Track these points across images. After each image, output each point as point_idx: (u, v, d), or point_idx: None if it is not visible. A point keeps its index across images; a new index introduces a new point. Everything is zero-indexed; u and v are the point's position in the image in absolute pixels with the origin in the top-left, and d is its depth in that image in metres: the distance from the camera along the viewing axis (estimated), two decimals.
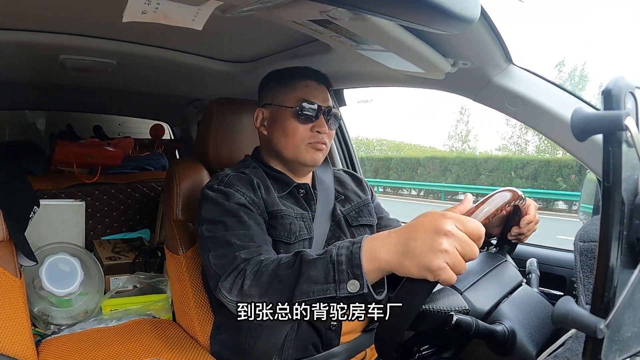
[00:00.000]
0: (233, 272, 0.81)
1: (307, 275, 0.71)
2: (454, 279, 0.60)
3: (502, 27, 0.83)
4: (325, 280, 0.69)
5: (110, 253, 1.53)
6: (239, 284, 0.78)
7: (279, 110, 1.03)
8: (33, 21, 1.00)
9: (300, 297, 0.70)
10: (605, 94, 0.42)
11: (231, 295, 0.80)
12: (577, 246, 0.82)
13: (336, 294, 0.68)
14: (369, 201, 1.18)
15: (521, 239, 0.91)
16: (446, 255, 0.59)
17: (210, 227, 0.92)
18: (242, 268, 0.81)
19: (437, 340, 0.75)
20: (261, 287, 0.76)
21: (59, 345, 1.11)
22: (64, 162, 1.58)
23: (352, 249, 0.69)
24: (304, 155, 1.01)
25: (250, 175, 1.01)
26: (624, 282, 0.43)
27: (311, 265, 0.72)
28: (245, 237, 0.88)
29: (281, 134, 1.02)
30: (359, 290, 0.66)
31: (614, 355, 0.45)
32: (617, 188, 0.42)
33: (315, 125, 1.00)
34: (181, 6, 0.72)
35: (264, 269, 0.78)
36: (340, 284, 0.67)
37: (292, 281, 0.72)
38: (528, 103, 0.95)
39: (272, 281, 0.75)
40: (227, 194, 0.95)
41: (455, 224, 0.60)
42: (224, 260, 0.85)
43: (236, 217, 0.91)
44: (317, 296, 0.69)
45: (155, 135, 2.17)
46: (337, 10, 0.66)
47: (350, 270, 0.67)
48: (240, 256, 0.83)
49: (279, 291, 0.73)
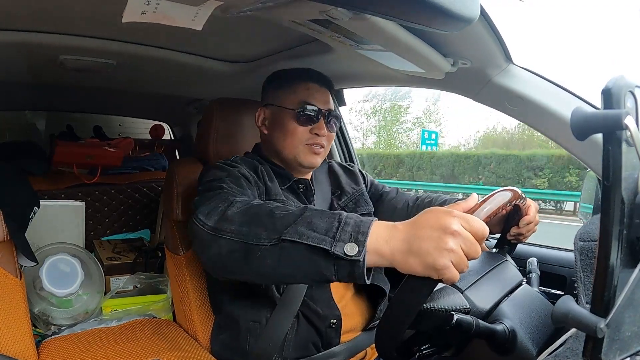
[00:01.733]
0: (217, 199, 0.78)
1: (309, 220, 0.66)
2: (457, 277, 0.59)
3: (501, 27, 0.83)
4: (325, 232, 0.64)
5: (110, 253, 1.53)
6: (221, 209, 0.74)
7: (279, 111, 1.04)
8: (33, 21, 1.00)
9: (290, 235, 0.65)
10: (604, 93, 0.42)
11: (207, 219, 0.74)
12: (577, 245, 0.82)
13: (330, 249, 0.62)
14: (363, 191, 1.20)
15: (520, 240, 0.91)
16: (452, 254, 0.58)
17: (207, 185, 0.89)
18: (231, 200, 0.77)
19: (438, 339, 0.75)
20: (247, 215, 0.71)
21: (60, 346, 1.11)
22: (64, 162, 1.58)
23: (363, 219, 0.65)
24: (302, 156, 1.03)
25: (256, 162, 1.03)
26: (624, 282, 0.43)
27: (317, 213, 0.68)
28: (240, 192, 0.87)
29: (280, 135, 1.04)
30: (355, 255, 0.61)
31: (614, 354, 0.45)
32: (617, 187, 0.42)
33: (314, 127, 1.02)
34: (181, 6, 0.72)
35: (257, 205, 0.73)
36: (339, 242, 0.62)
37: (288, 220, 0.67)
38: (528, 102, 0.96)
39: (263, 215, 0.70)
40: (231, 165, 0.97)
41: (462, 222, 0.60)
42: (209, 193, 0.83)
43: (236, 180, 0.91)
44: (310, 242, 0.63)
45: (155, 135, 2.18)
46: (336, 10, 0.66)
47: (354, 234, 0.63)
48: (231, 191, 0.82)
49: (266, 225, 0.68)
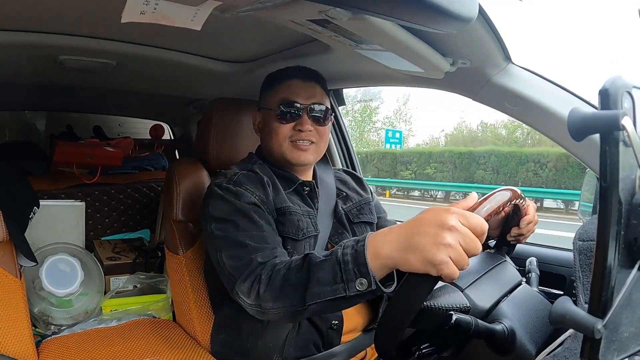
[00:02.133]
0: (250, 276, 0.82)
1: (316, 278, 0.72)
2: (456, 274, 0.60)
3: (500, 26, 0.83)
4: (333, 281, 0.70)
5: (110, 253, 1.53)
6: (256, 289, 0.80)
7: (266, 113, 1.04)
8: (32, 22, 1.00)
9: (312, 299, 0.72)
10: (602, 93, 0.42)
11: (249, 299, 0.81)
12: (577, 245, 0.83)
13: (346, 294, 0.69)
14: (369, 199, 1.19)
15: (520, 240, 0.91)
16: (450, 249, 0.59)
17: (220, 226, 0.91)
18: (258, 273, 0.81)
19: (437, 339, 0.75)
20: (274, 291, 0.77)
21: (59, 346, 1.11)
22: (64, 162, 1.58)
23: (356, 247, 0.69)
24: (288, 154, 1.01)
25: (260, 173, 1.00)
26: (621, 282, 0.44)
27: (319, 267, 0.73)
28: (259, 238, 0.88)
29: (268, 136, 1.04)
30: (368, 288, 0.67)
31: (611, 355, 0.45)
32: (614, 188, 0.42)
33: (297, 123, 1.00)
34: (180, 6, 0.72)
35: (276, 274, 0.79)
36: (349, 283, 0.68)
37: (303, 284, 0.73)
38: (527, 102, 0.95)
39: (284, 286, 0.76)
40: (237, 193, 0.94)
41: (459, 218, 0.60)
42: (240, 262, 0.85)
43: (247, 217, 0.91)
44: (328, 297, 0.70)
45: (155, 135, 2.18)
46: (335, 10, 0.66)
47: (356, 269, 0.68)
48: (257, 260, 0.84)
49: (292, 295, 0.75)
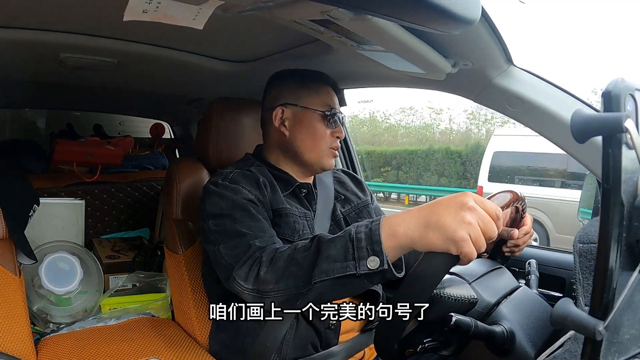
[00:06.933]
0: (248, 260, 0.80)
1: (327, 254, 0.70)
2: (474, 254, 0.61)
3: (502, 28, 0.83)
4: (344, 258, 0.69)
5: (109, 252, 1.53)
6: (255, 271, 0.77)
7: (305, 113, 1.02)
8: (33, 19, 1.00)
9: (319, 276, 0.70)
10: (605, 95, 0.42)
11: (247, 283, 0.78)
12: (577, 247, 0.82)
13: (356, 271, 0.67)
14: (368, 202, 1.18)
15: (515, 252, 0.92)
16: (470, 227, 0.60)
17: (217, 222, 0.90)
18: (258, 256, 0.79)
19: (437, 338, 0.75)
20: (277, 272, 0.75)
21: (58, 344, 1.11)
22: (64, 160, 1.58)
23: (371, 226, 0.69)
24: (326, 160, 1.02)
25: (256, 173, 1.00)
26: (623, 284, 0.44)
27: (330, 244, 0.71)
28: (257, 229, 0.87)
29: (307, 137, 1.02)
30: (379, 267, 0.66)
31: (612, 357, 0.45)
32: (616, 190, 0.42)
33: (336, 131, 1.02)
34: (182, 5, 0.72)
35: (279, 255, 0.77)
36: (360, 260, 0.67)
37: (311, 262, 0.72)
38: (528, 104, 0.95)
39: (289, 265, 0.74)
40: (233, 189, 0.93)
41: (476, 200, 0.62)
42: (237, 250, 0.84)
43: (245, 211, 0.90)
44: (337, 274, 0.69)
45: (155, 134, 2.18)
46: (338, 11, 0.66)
47: (369, 247, 0.67)
48: (255, 244, 0.82)
49: (296, 274, 0.73)
